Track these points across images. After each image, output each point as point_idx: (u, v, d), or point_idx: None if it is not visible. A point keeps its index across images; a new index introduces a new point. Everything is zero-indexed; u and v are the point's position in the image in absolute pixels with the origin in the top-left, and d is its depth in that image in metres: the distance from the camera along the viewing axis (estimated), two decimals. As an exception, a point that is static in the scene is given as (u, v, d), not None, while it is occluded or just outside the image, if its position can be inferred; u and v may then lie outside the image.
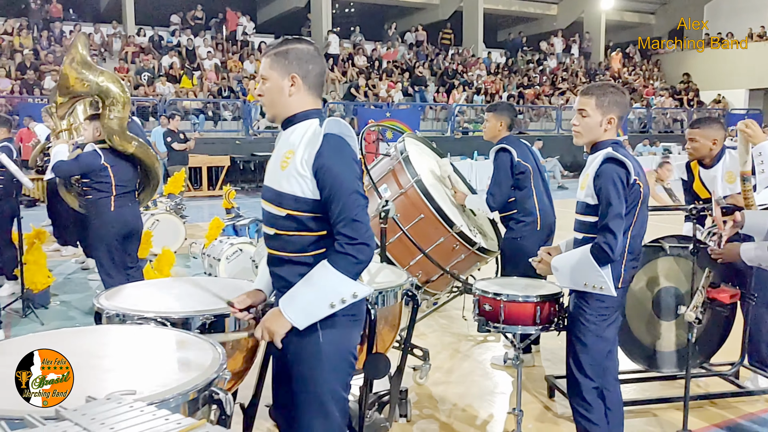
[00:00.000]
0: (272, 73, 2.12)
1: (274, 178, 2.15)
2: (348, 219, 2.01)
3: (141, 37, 19.41)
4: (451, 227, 4.22)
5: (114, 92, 4.55)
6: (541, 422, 3.59)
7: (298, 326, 2.08)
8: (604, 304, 2.69)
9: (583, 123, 2.81)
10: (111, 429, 1.39)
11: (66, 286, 6.61)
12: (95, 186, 4.71)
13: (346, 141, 2.08)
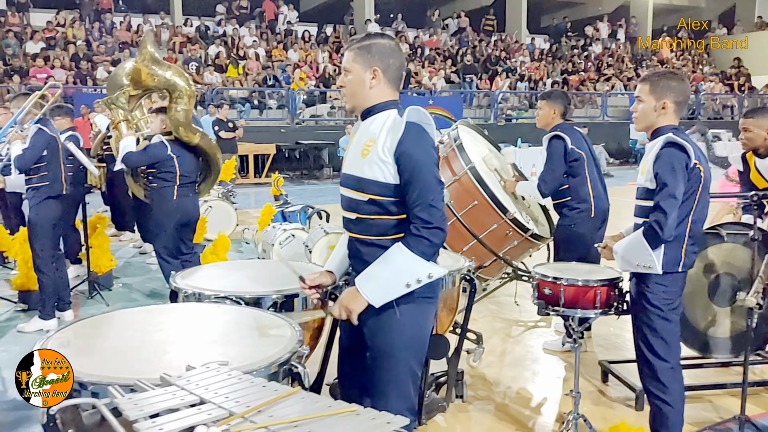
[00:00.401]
0: (355, 66, 2.22)
1: (356, 166, 2.25)
2: (425, 204, 2.11)
3: (188, 27, 19.75)
4: (504, 213, 4.27)
5: (180, 86, 4.74)
6: (595, 406, 3.65)
7: (374, 304, 2.18)
8: (666, 287, 2.73)
9: (639, 109, 2.85)
10: (215, 393, 1.51)
11: (126, 269, 6.87)
12: (161, 176, 4.94)
13: (425, 129, 2.17)
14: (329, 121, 18.01)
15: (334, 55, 20.14)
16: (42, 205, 4.90)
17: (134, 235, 8.35)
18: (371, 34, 2.28)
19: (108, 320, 2.35)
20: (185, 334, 2.23)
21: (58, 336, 2.11)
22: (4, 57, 16.12)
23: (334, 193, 13.46)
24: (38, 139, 4.82)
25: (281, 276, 2.99)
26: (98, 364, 1.90)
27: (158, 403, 1.46)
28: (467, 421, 3.48)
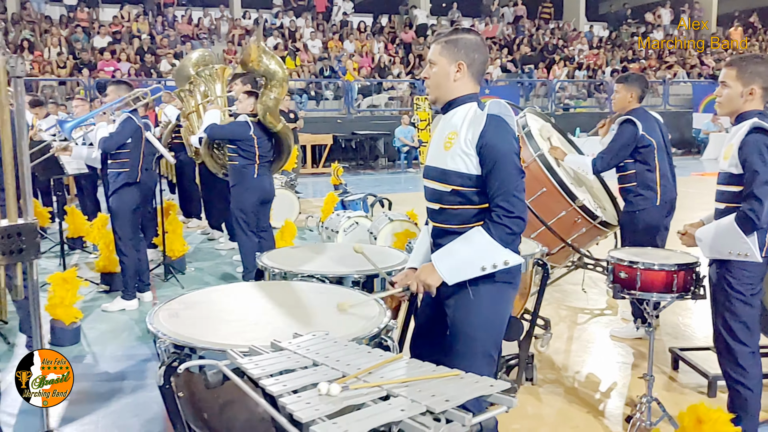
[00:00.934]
0: (441, 59, 2.32)
1: (439, 158, 2.35)
2: (507, 193, 2.19)
3: (246, 19, 20.13)
4: (573, 201, 4.30)
5: (279, 76, 5.02)
6: (667, 391, 3.66)
7: (447, 281, 2.27)
8: (748, 272, 2.73)
9: (724, 94, 2.84)
10: (326, 357, 1.64)
11: (196, 254, 7.14)
12: (242, 153, 5.24)
13: (506, 121, 2.25)
14: (385, 112, 18.12)
15: (389, 46, 20.23)
16: (121, 191, 5.16)
17: (201, 222, 8.65)
18: (458, 28, 2.37)
19: (207, 295, 2.52)
20: (280, 308, 2.37)
21: (167, 307, 2.28)
22: (74, 51, 16.79)
23: (389, 183, 13.63)
24: (126, 126, 5.08)
25: (359, 257, 3.11)
26: (207, 332, 2.05)
27: (275, 364, 1.60)
28: (537, 402, 3.54)
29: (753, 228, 2.66)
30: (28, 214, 2.35)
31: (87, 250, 7.14)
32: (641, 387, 3.62)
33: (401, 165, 16.21)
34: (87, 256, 6.99)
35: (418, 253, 2.59)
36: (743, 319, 2.76)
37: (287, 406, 1.35)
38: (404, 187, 13.09)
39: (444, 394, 1.40)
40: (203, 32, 19.32)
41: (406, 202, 8.67)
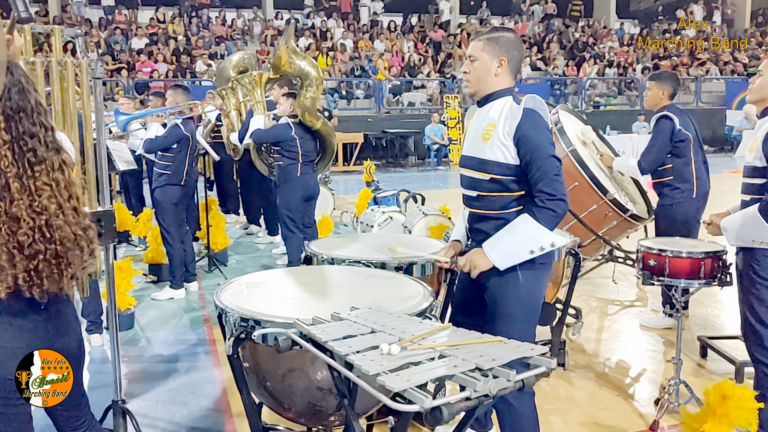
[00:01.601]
0: (483, 54, 2.51)
1: (477, 148, 2.54)
2: (549, 178, 2.37)
3: (279, 20, 20.48)
4: (604, 194, 4.44)
5: (312, 75, 5.24)
6: (695, 377, 3.80)
7: (499, 267, 2.46)
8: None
9: (757, 82, 2.94)
10: (383, 326, 1.84)
11: (237, 248, 7.42)
12: (285, 154, 5.50)
13: (540, 114, 2.43)
14: (415, 110, 18.30)
15: (419, 45, 20.42)
16: (162, 189, 5.45)
17: (239, 218, 8.94)
18: (498, 27, 2.56)
19: (266, 277, 2.74)
20: (332, 288, 2.59)
21: (231, 286, 2.51)
22: (113, 53, 17.29)
23: (419, 180, 13.82)
24: (172, 133, 5.36)
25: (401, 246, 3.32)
26: (270, 307, 2.27)
27: (339, 331, 1.81)
28: (569, 386, 3.71)
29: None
30: (106, 202, 2.60)
31: (133, 244, 7.47)
32: (670, 372, 3.76)
33: (431, 163, 16.39)
34: (133, 249, 7.31)
35: (460, 228, 2.80)
36: (765, 303, 2.88)
37: (355, 362, 1.56)
38: (435, 185, 13.27)
39: (490, 354, 1.60)
40: (237, 33, 19.72)
41: (437, 198, 8.85)
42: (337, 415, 2.26)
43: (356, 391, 1.94)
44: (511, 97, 2.52)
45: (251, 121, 5.90)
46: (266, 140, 5.76)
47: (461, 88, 18.48)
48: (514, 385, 1.53)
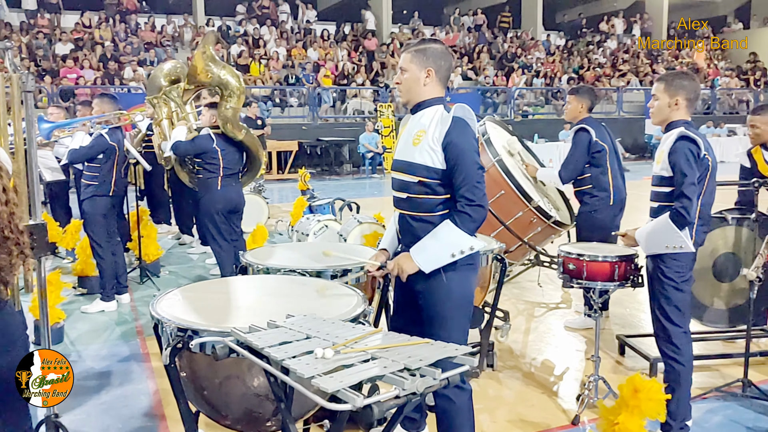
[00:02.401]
0: (412, 66, 2.63)
1: (407, 152, 2.66)
2: (471, 185, 2.52)
3: (210, 27, 20.23)
4: (529, 202, 4.67)
5: (233, 85, 5.20)
6: (614, 374, 4.04)
7: (424, 270, 2.58)
8: (679, 262, 3.09)
9: (655, 105, 3.22)
10: (317, 332, 1.93)
11: (169, 258, 7.33)
12: (206, 166, 5.44)
13: (468, 123, 2.58)
14: (350, 119, 18.44)
15: (352, 53, 20.58)
16: (90, 200, 5.36)
17: (171, 228, 8.83)
18: (426, 39, 2.71)
19: (203, 287, 2.78)
20: (268, 297, 2.65)
21: (167, 297, 2.54)
22: (36, 58, 16.69)
23: (355, 188, 13.94)
24: (97, 143, 5.27)
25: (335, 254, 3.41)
26: (207, 317, 2.32)
27: (275, 338, 1.88)
28: (498, 386, 3.88)
29: (685, 223, 3.02)
30: (37, 215, 2.59)
31: (60, 256, 7.27)
32: (591, 370, 3.98)
33: (366, 171, 16.54)
34: (60, 261, 7.12)
35: (387, 236, 2.92)
36: (675, 303, 3.13)
37: (290, 366, 1.64)
38: (369, 192, 13.42)
39: (418, 355, 1.71)
40: (167, 39, 19.38)
41: (372, 206, 8.98)
42: (273, 421, 2.33)
43: (292, 395, 2.02)
44: (442, 106, 2.66)
45: (173, 132, 5.79)
46: (189, 152, 5.62)
47: (395, 96, 18.75)
48: (440, 383, 1.65)
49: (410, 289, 2.70)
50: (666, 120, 3.20)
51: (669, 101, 3.16)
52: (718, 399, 3.66)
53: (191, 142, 5.49)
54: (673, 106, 3.16)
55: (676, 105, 3.16)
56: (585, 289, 3.47)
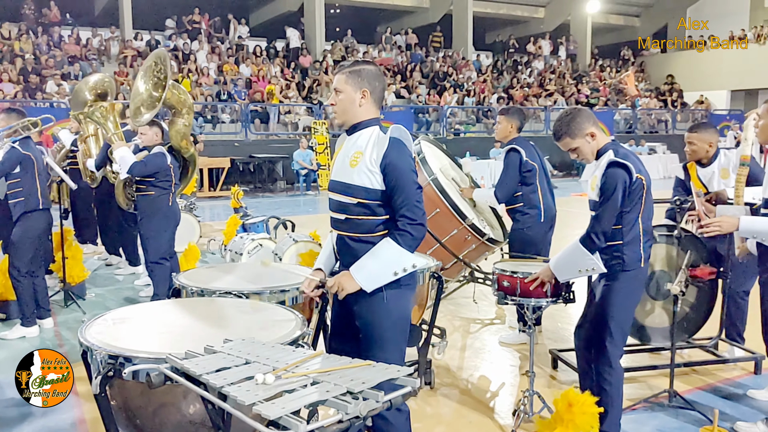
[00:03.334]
0: (347, 87, 2.63)
1: (345, 174, 2.65)
2: (410, 204, 2.53)
3: (138, 41, 19.77)
4: (464, 220, 4.74)
5: (189, 102, 5.15)
6: (548, 388, 4.13)
7: (366, 289, 2.57)
8: (631, 282, 3.15)
9: (579, 153, 3.24)
10: (257, 356, 1.89)
11: (96, 280, 7.05)
12: (158, 184, 5.34)
13: (405, 144, 2.60)
14: (283, 135, 18.32)
15: (285, 70, 20.49)
16: (22, 219, 5.09)
17: (97, 248, 8.51)
18: (359, 60, 2.71)
19: (134, 312, 2.68)
20: (204, 320, 2.59)
21: (97, 323, 2.44)
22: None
23: (289, 206, 13.82)
24: (9, 156, 5.01)
25: (271, 275, 3.37)
26: (140, 343, 2.24)
27: (213, 364, 1.83)
28: (436, 403, 3.90)
29: (595, 248, 3.09)
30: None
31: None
32: (526, 385, 4.06)
33: (300, 188, 16.44)
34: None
35: (323, 255, 2.89)
36: (621, 325, 3.18)
37: (230, 393, 1.60)
38: (304, 210, 13.32)
39: (360, 378, 1.70)
40: (92, 53, 18.80)
41: (307, 224, 8.92)
42: (210, 448, 2.26)
43: (230, 423, 1.97)
44: (378, 127, 2.67)
45: (118, 154, 5.57)
46: (147, 172, 5.36)
47: (328, 113, 18.77)
48: (383, 405, 1.64)
49: (348, 310, 2.68)
50: (594, 153, 3.23)
51: (584, 140, 3.18)
52: (646, 410, 3.79)
53: (146, 161, 5.33)
54: (591, 140, 3.20)
55: (592, 137, 3.19)
56: (519, 305, 3.53)
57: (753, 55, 24.96)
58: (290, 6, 23.68)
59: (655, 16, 29.89)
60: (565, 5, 27.55)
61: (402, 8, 26.28)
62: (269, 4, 24.52)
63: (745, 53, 25.25)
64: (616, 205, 3.07)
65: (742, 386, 4.13)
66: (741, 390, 4.08)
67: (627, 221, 3.13)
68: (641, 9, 30.09)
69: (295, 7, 23.50)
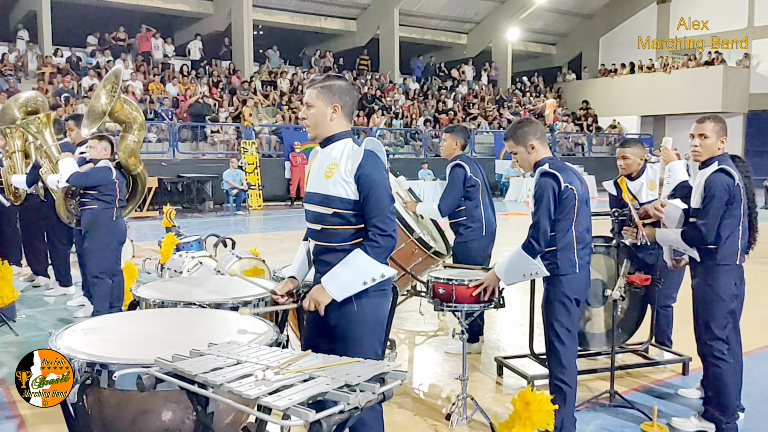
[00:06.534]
0: (318, 102, 2.72)
1: (320, 185, 2.73)
2: (382, 214, 2.63)
3: (58, 57, 19.12)
4: (411, 234, 4.87)
5: (140, 119, 5.10)
6: (495, 393, 4.30)
7: (336, 299, 2.65)
8: (568, 286, 3.35)
9: (518, 159, 3.51)
10: (247, 357, 1.94)
11: (25, 302, 6.77)
12: (102, 198, 5.23)
13: (379, 156, 2.71)
14: (212, 155, 18.08)
15: (213, 90, 20.25)
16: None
17: (22, 269, 8.15)
18: (330, 75, 2.81)
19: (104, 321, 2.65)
20: (175, 328, 2.59)
21: (67, 333, 2.41)
22: None
23: (219, 225, 13.64)
24: None
25: (231, 286, 3.39)
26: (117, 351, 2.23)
27: (205, 365, 1.87)
28: (391, 412, 3.98)
29: (535, 252, 3.30)
30: None
31: None
32: (474, 390, 4.23)
33: (230, 208, 16.24)
34: None
35: (296, 264, 2.96)
36: (566, 326, 3.38)
37: (234, 389, 1.65)
38: (235, 230, 13.17)
39: (354, 372, 1.78)
40: (8, 69, 18.02)
41: (243, 243, 8.86)
42: (188, 455, 2.27)
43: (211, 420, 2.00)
44: (351, 139, 2.77)
45: (62, 163, 5.44)
46: (89, 184, 5.29)
47: (257, 133, 18.68)
48: (378, 397, 1.73)
49: (323, 317, 2.74)
50: (532, 165, 3.48)
51: (525, 149, 3.44)
52: (589, 410, 4.01)
53: (90, 173, 5.24)
54: (531, 151, 3.44)
55: (533, 149, 3.44)
56: (453, 311, 3.69)
57: (660, 83, 26.63)
58: (217, 26, 23.49)
59: (570, 45, 31.46)
60: (487, 33, 28.62)
61: (330, 31, 26.58)
62: (196, 23, 24.22)
63: (654, 81, 26.91)
64: (550, 212, 3.29)
65: (673, 386, 4.43)
66: (672, 390, 4.38)
67: (560, 229, 3.34)
68: (557, 38, 31.60)
69: (222, 27, 23.33)
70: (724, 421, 3.52)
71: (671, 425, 3.75)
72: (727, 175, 3.41)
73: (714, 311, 3.46)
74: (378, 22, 25.76)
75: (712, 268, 3.47)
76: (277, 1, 24.32)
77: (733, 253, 3.45)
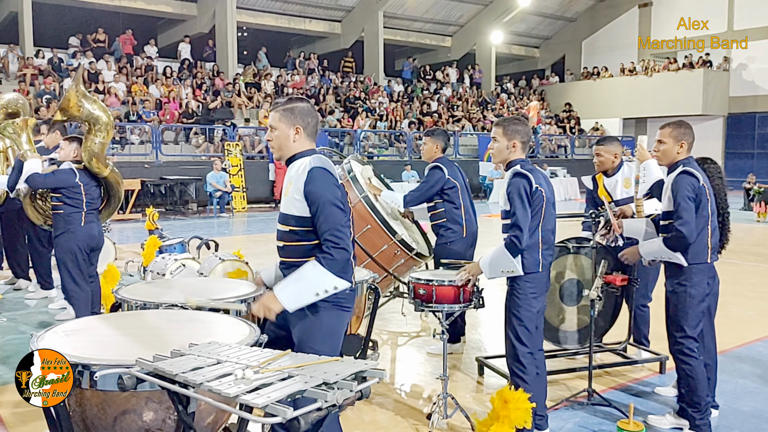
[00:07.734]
0: (281, 124, 2.81)
1: (283, 204, 2.84)
2: (333, 228, 2.68)
3: (40, 59, 18.96)
4: (393, 235, 4.92)
5: (103, 120, 5.02)
6: (475, 392, 4.35)
7: (288, 309, 2.70)
8: (530, 284, 3.45)
9: (495, 147, 3.61)
10: (227, 357, 1.97)
11: (4, 305, 6.72)
12: (68, 201, 5.13)
13: (326, 171, 2.75)
14: (196, 157, 18.02)
15: (197, 91, 20.19)
16: None
17: (3, 272, 8.10)
18: (292, 98, 2.87)
19: (84, 324, 2.67)
20: (155, 329, 2.61)
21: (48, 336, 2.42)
22: None
23: (202, 228, 13.61)
24: None
25: (212, 289, 3.42)
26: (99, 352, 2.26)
27: (185, 364, 1.90)
28: (372, 412, 4.03)
29: (517, 250, 3.38)
30: None
31: None
32: (453, 390, 4.28)
33: (214, 210, 16.20)
34: None
35: (269, 271, 3.05)
36: (525, 324, 3.46)
37: (214, 387, 1.68)
38: (219, 232, 13.15)
39: (332, 371, 1.82)
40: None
41: (226, 245, 8.85)
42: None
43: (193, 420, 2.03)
44: (308, 158, 2.82)
45: (25, 164, 5.40)
46: (47, 186, 5.30)
47: (241, 135, 18.66)
48: (356, 394, 1.77)
49: (282, 320, 2.79)
50: (505, 160, 3.58)
51: (507, 144, 3.54)
52: (567, 408, 4.07)
53: (51, 175, 5.19)
54: (510, 148, 3.54)
55: (514, 147, 3.54)
56: (434, 312, 3.74)
57: (642, 86, 26.93)
58: (201, 28, 23.43)
59: (553, 48, 31.73)
60: (471, 36, 28.78)
61: (314, 33, 26.60)
62: (179, 25, 24.15)
63: (635, 84, 27.21)
64: (527, 210, 3.38)
65: (650, 384, 4.51)
66: (649, 388, 4.46)
67: (529, 228, 3.42)
68: (541, 41, 31.85)
69: (206, 29, 23.28)
70: (697, 417, 3.60)
71: (647, 423, 3.82)
72: (691, 176, 3.52)
73: (686, 310, 3.55)
74: (363, 25, 25.82)
75: (683, 268, 3.55)
76: (261, 3, 24.32)
77: (702, 251, 3.54)
